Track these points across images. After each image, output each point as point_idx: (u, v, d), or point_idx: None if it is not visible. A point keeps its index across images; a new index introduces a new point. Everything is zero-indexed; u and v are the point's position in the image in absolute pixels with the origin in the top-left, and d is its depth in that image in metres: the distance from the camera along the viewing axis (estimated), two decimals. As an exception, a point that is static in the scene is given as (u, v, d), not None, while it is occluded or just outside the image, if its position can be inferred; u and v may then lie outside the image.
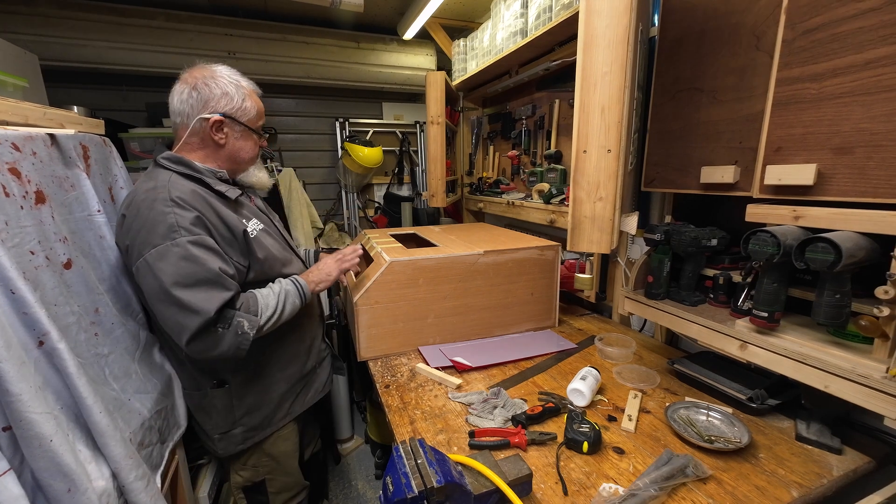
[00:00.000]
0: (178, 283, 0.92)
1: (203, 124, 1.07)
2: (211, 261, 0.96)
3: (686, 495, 0.81)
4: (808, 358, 0.86)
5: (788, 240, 0.85)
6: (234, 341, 0.96)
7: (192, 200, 1.00)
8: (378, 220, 3.44)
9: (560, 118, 1.93)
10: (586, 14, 0.94)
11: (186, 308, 0.91)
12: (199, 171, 1.07)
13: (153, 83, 2.67)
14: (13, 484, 0.67)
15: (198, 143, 1.10)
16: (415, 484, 0.67)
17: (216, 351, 0.95)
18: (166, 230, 0.93)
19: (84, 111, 1.86)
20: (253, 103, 1.13)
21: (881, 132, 0.77)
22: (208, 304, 0.92)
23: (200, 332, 0.92)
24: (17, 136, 0.80)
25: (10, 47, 1.69)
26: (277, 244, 1.21)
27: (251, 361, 1.14)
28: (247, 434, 1.19)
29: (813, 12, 0.85)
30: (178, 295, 0.91)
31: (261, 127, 1.19)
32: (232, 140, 1.12)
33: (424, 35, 2.78)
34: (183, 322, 0.92)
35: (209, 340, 0.94)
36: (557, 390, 1.18)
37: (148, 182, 1.01)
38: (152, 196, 0.97)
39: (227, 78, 1.10)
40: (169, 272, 0.92)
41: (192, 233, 0.96)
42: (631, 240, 1.52)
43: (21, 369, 0.67)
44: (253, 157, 1.19)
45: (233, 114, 1.09)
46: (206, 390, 1.14)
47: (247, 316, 0.99)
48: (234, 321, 0.96)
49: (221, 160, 1.13)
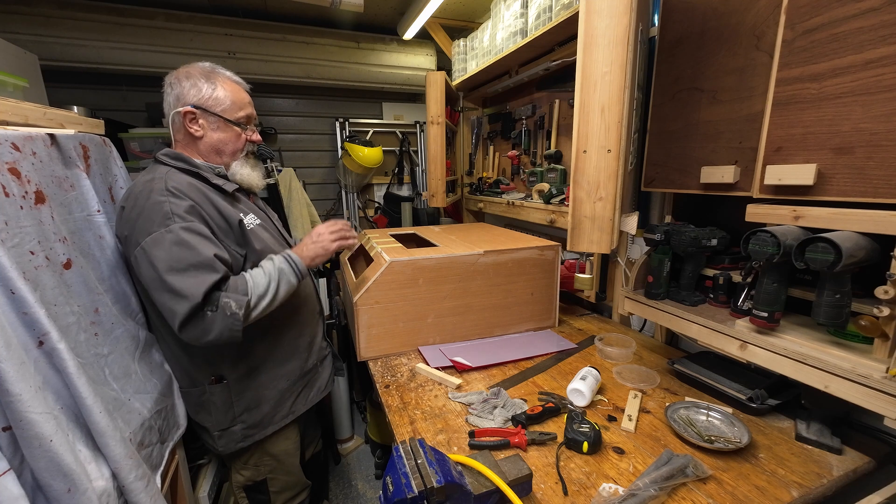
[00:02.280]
0: (171, 269, 0.93)
1: (179, 118, 1.09)
2: (203, 246, 0.97)
3: (686, 495, 0.81)
4: (808, 358, 0.86)
5: (788, 240, 0.85)
6: (225, 323, 0.95)
7: (188, 191, 1.02)
8: (378, 220, 3.44)
9: (560, 118, 1.93)
10: (586, 14, 0.94)
11: (177, 293, 0.92)
12: (197, 167, 1.10)
13: (153, 83, 2.63)
14: (13, 484, 0.67)
15: (182, 139, 1.13)
16: (415, 484, 0.67)
17: (210, 336, 0.95)
18: (161, 217, 0.95)
19: (84, 111, 1.86)
20: (227, 93, 1.11)
21: (881, 132, 0.77)
22: (196, 288, 0.92)
23: (190, 316, 0.93)
24: (17, 136, 0.80)
25: (10, 47, 1.70)
26: (274, 240, 1.21)
27: (248, 356, 1.15)
28: (247, 431, 1.18)
29: (813, 12, 0.85)
30: (169, 280, 0.92)
31: (245, 119, 1.16)
32: (209, 132, 1.12)
33: (424, 35, 2.78)
34: (174, 308, 0.93)
35: (201, 325, 0.94)
36: (557, 390, 1.18)
37: (146, 175, 1.05)
38: (149, 187, 0.99)
39: (199, 70, 1.11)
40: (162, 258, 0.93)
41: (186, 220, 0.97)
42: (631, 240, 1.52)
43: (21, 369, 0.67)
44: (235, 150, 1.16)
45: (203, 104, 1.09)
46: (204, 387, 1.13)
47: (234, 296, 0.97)
48: (221, 302, 0.95)
49: (205, 153, 1.13)
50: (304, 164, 3.21)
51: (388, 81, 3.09)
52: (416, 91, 3.27)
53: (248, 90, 1.19)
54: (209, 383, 1.13)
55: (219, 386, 1.14)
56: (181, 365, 1.14)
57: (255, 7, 2.62)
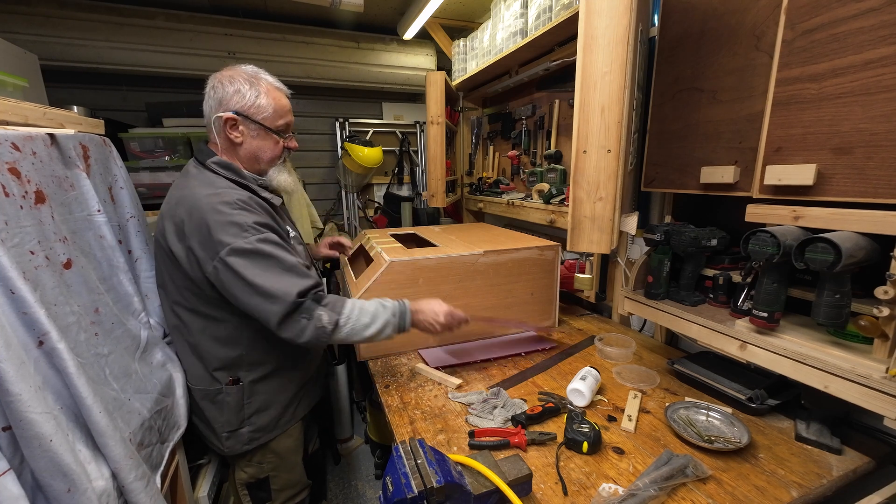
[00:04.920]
0: (258, 275, 0.97)
1: (220, 122, 1.09)
2: (283, 254, 1.02)
3: (686, 495, 0.81)
4: (808, 358, 0.86)
5: (788, 240, 0.85)
6: (315, 333, 1.00)
7: (253, 204, 1.06)
8: (378, 220, 3.44)
9: (560, 118, 1.93)
10: (586, 14, 0.94)
11: (269, 296, 0.97)
12: (245, 178, 1.12)
13: (153, 83, 2.67)
14: (13, 484, 0.67)
15: (222, 143, 1.12)
16: (414, 484, 0.67)
17: (302, 339, 1.00)
18: (237, 230, 0.98)
19: (84, 111, 1.85)
20: (270, 101, 1.11)
21: (881, 132, 0.77)
22: (289, 289, 0.97)
23: (286, 317, 0.97)
24: (17, 136, 0.80)
25: (10, 47, 1.69)
26: (303, 252, 1.25)
27: (264, 362, 1.17)
28: (253, 434, 1.19)
29: (813, 12, 0.85)
30: (260, 284, 0.96)
31: (284, 127, 1.16)
32: (248, 139, 1.12)
33: (424, 35, 2.78)
34: (269, 309, 0.97)
35: (296, 328, 0.99)
36: (557, 390, 1.18)
37: (206, 188, 1.04)
38: (216, 200, 1.00)
39: (243, 75, 1.10)
40: (247, 265, 0.97)
41: (261, 231, 1.01)
42: (631, 240, 1.52)
43: (21, 369, 0.67)
44: (273, 157, 1.17)
45: (245, 111, 1.09)
46: (222, 386, 1.15)
47: (328, 312, 1.02)
48: (315, 313, 1.00)
49: (242, 160, 1.14)
50: (304, 164, 3.21)
51: (388, 81, 3.09)
52: (416, 91, 3.27)
53: (288, 95, 1.18)
54: (227, 384, 1.15)
55: (235, 387, 1.15)
56: (204, 364, 1.15)
57: (255, 7, 2.62)
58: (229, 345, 1.12)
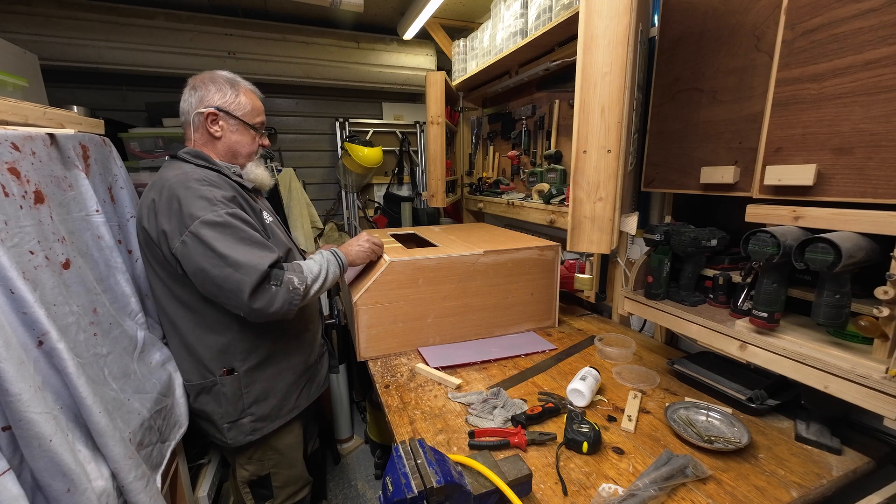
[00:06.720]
0: (229, 246, 0.99)
1: (200, 118, 1.15)
2: (250, 230, 1.05)
3: (686, 495, 0.81)
4: (808, 358, 0.86)
5: (788, 240, 0.85)
6: (287, 297, 1.04)
7: (221, 182, 1.10)
8: (378, 220, 3.44)
9: (560, 118, 1.93)
10: (586, 14, 0.94)
11: (242, 266, 0.98)
12: (217, 165, 1.16)
13: (153, 83, 2.66)
14: (13, 484, 0.67)
15: (199, 138, 1.18)
16: (414, 484, 0.67)
17: (273, 307, 1.02)
18: (206, 203, 1.01)
19: (84, 111, 1.85)
20: (248, 100, 1.20)
21: (881, 132, 0.77)
22: (261, 260, 1.00)
23: (258, 286, 0.99)
24: (17, 136, 0.80)
25: (10, 47, 1.69)
26: (286, 238, 1.29)
27: (257, 349, 1.18)
28: (255, 424, 1.20)
29: (813, 13, 0.85)
30: (231, 256, 0.98)
31: (260, 125, 1.25)
32: (228, 133, 1.19)
33: (424, 35, 2.78)
34: (241, 278, 0.98)
35: (266, 297, 1.01)
36: (557, 390, 1.18)
37: (174, 170, 1.08)
38: (184, 178, 1.04)
39: (223, 77, 1.19)
40: (218, 237, 0.99)
41: (229, 206, 1.05)
42: (631, 240, 1.52)
43: (20, 369, 0.67)
44: (250, 152, 1.24)
45: (226, 107, 1.17)
46: (217, 377, 1.15)
47: (296, 274, 1.07)
48: (285, 278, 1.04)
49: (221, 153, 1.20)
50: (303, 164, 3.20)
51: (388, 81, 3.09)
52: (416, 91, 3.27)
53: (262, 99, 1.27)
54: (221, 374, 1.16)
55: (230, 377, 1.16)
56: (195, 357, 1.16)
57: (255, 7, 2.62)
58: (218, 331, 1.13)
